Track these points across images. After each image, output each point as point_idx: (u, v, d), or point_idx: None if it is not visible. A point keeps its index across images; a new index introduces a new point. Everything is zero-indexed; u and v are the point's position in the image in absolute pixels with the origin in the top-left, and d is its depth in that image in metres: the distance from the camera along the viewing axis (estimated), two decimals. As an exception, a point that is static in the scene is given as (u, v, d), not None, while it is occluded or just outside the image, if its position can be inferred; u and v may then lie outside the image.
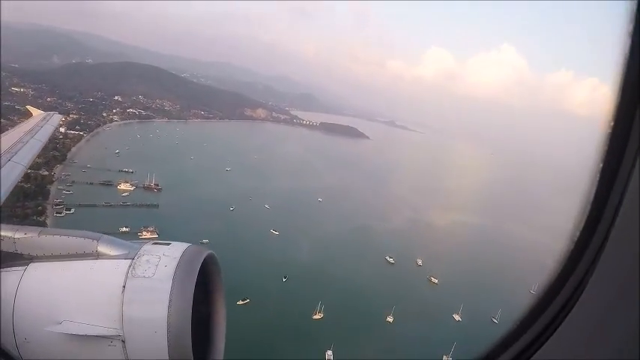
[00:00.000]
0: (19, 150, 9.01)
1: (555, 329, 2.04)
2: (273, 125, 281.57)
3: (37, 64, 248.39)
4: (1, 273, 3.57)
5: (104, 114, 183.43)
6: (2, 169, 7.76)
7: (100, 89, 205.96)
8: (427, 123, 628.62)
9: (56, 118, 14.16)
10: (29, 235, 3.77)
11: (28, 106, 16.80)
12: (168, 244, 3.82)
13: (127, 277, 3.46)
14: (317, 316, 70.87)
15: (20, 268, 3.61)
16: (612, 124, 1.80)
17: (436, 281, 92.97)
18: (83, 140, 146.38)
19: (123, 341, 3.33)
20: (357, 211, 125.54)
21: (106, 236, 3.85)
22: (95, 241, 3.71)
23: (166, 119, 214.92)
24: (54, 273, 3.60)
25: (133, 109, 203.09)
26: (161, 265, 3.54)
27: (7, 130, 11.81)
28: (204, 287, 3.86)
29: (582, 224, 1.96)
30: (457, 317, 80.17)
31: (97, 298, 3.45)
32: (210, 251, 3.81)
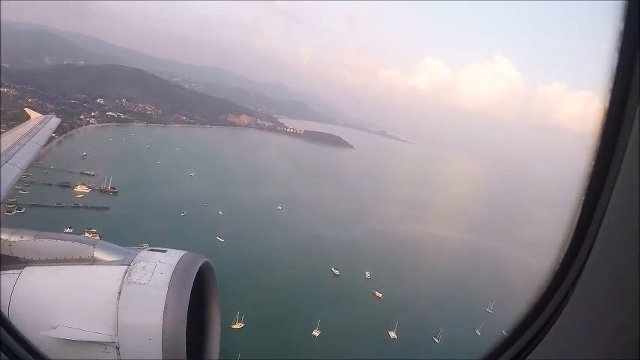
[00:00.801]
0: (16, 152, 9.12)
1: (549, 330, 2.08)
2: (256, 132, 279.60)
3: (28, 64, 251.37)
4: None
5: (82, 116, 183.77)
6: None
7: (84, 91, 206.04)
8: (420, 134, 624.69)
9: (54, 121, 14.36)
10: (25, 238, 3.79)
11: (26, 109, 17.08)
12: (165, 251, 3.88)
13: (122, 283, 3.49)
14: (236, 326, 68.60)
15: (15, 271, 3.62)
16: (601, 128, 1.82)
17: (380, 295, 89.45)
18: (54, 142, 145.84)
19: (117, 348, 3.35)
20: (316, 221, 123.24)
21: (102, 242, 3.91)
22: (91, 247, 3.74)
23: (144, 123, 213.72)
24: (49, 277, 3.61)
25: (112, 112, 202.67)
26: (157, 272, 3.57)
27: None
28: (199, 294, 3.88)
29: (573, 229, 1.99)
30: (392, 334, 76.30)
31: (92, 304, 3.47)
32: (205, 259, 3.90)
